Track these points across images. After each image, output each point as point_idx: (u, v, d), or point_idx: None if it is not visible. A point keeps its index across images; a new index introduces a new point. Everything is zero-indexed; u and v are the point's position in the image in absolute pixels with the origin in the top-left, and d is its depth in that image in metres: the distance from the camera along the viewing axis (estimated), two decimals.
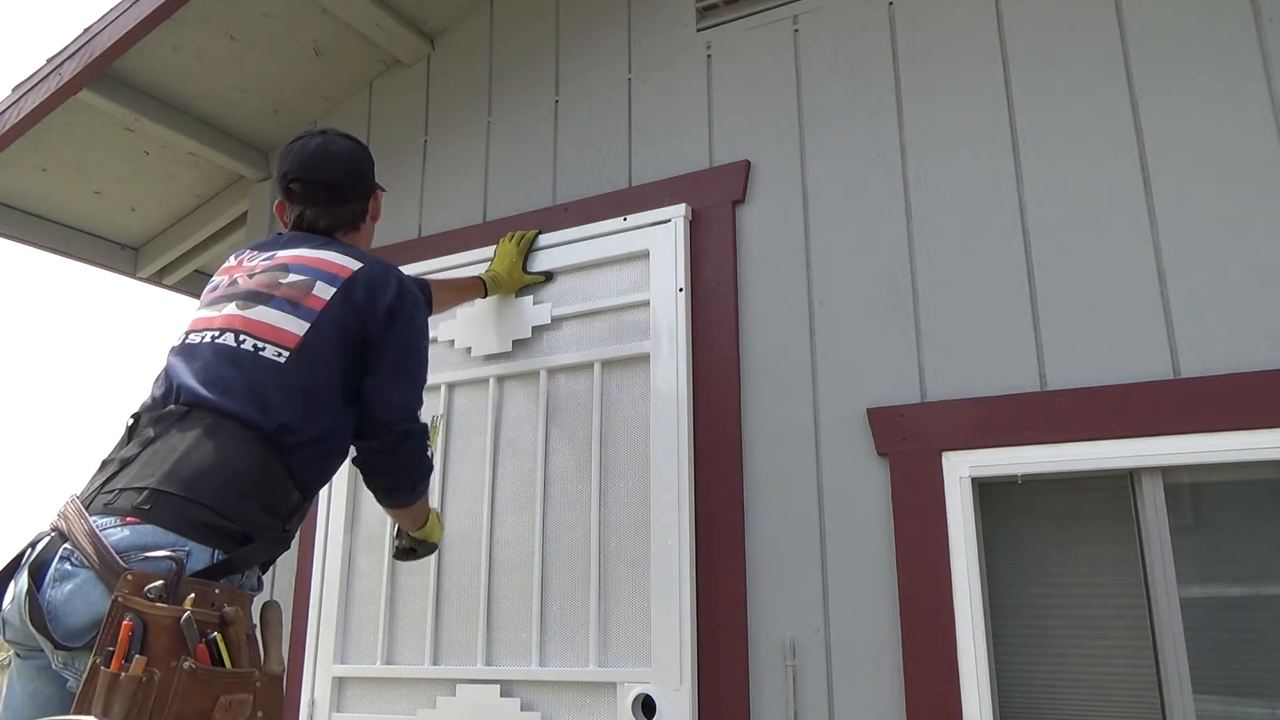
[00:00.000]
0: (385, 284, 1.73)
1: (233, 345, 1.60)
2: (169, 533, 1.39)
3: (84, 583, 1.35)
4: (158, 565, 1.35)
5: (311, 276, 1.70)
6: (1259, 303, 1.81)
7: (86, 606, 1.34)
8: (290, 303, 1.65)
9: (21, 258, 45.92)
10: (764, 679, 2.04)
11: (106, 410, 58.78)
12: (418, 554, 2.05)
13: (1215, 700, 1.75)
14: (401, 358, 1.73)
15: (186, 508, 1.42)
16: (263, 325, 1.62)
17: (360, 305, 1.68)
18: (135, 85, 2.91)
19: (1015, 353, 1.98)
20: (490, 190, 2.78)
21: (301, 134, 1.92)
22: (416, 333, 1.77)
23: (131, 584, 1.32)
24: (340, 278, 1.70)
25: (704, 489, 2.18)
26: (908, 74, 2.25)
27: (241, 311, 1.65)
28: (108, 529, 1.38)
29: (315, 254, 1.75)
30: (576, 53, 2.76)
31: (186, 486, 1.43)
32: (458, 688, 2.27)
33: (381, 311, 1.70)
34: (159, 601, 1.32)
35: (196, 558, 1.39)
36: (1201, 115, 1.93)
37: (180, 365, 1.61)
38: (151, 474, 1.45)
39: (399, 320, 1.72)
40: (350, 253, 1.78)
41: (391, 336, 1.71)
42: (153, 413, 1.57)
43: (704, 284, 2.32)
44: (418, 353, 1.78)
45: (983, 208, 2.09)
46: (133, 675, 1.26)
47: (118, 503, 1.42)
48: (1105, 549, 1.89)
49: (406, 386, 1.75)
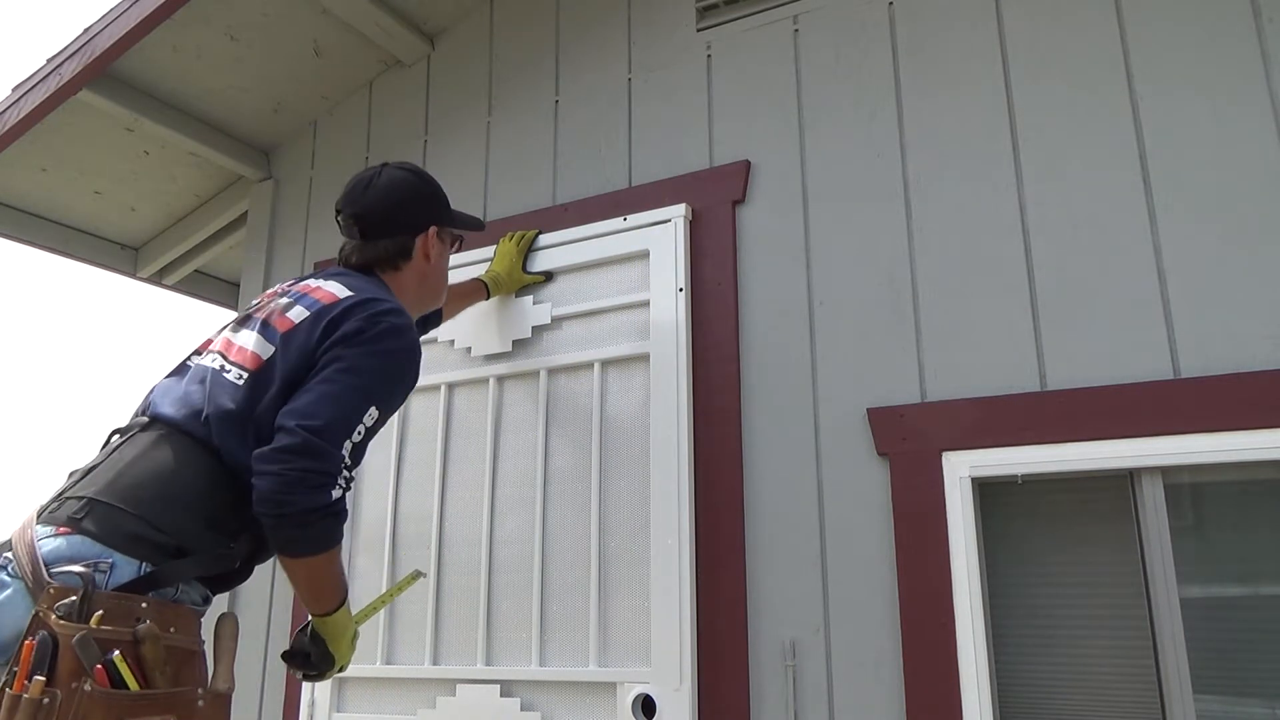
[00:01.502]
0: (360, 312, 1.58)
1: (208, 365, 1.60)
2: (96, 543, 1.36)
3: (13, 595, 1.33)
4: (72, 580, 1.31)
5: (294, 301, 1.64)
6: (1259, 303, 1.80)
7: (11, 620, 1.31)
8: (265, 325, 1.62)
9: (21, 258, 45.82)
10: (764, 679, 2.04)
11: (106, 411, 58.62)
12: (311, 663, 1.64)
13: (1215, 700, 1.75)
14: (336, 375, 1.51)
15: (118, 517, 1.39)
16: (236, 348, 1.61)
17: (325, 330, 1.56)
18: (135, 85, 2.91)
19: (1015, 353, 1.98)
20: (490, 190, 2.78)
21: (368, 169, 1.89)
22: (368, 362, 1.54)
23: (51, 598, 1.29)
24: (320, 304, 1.61)
25: (704, 489, 2.18)
26: (908, 74, 2.25)
27: (231, 335, 1.66)
28: (44, 539, 1.36)
29: (320, 283, 1.68)
30: (576, 53, 2.76)
31: (122, 496, 1.41)
32: (458, 688, 2.27)
33: (340, 334, 1.55)
34: (65, 619, 1.27)
35: (121, 570, 1.36)
36: (1201, 115, 1.93)
37: (165, 382, 1.64)
38: (96, 483, 1.44)
39: (353, 341, 1.54)
40: (355, 285, 1.66)
41: (334, 356, 1.53)
42: (125, 425, 1.58)
43: (704, 284, 2.32)
44: (358, 379, 1.52)
45: (983, 208, 2.09)
46: (31, 697, 1.21)
47: (59, 511, 1.41)
48: (1105, 549, 1.89)
49: (328, 404, 1.48)
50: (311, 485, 1.42)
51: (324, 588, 1.56)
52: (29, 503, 1.51)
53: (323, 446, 1.44)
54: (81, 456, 1.58)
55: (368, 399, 1.52)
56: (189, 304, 4.18)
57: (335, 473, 1.45)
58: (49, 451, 19.55)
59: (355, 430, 1.49)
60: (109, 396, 23.98)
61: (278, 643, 2.67)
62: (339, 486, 1.46)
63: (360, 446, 1.51)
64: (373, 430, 1.54)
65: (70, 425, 21.00)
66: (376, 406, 1.53)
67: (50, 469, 19.26)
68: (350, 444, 1.48)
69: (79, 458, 1.58)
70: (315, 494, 1.43)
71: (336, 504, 1.46)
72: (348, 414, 1.49)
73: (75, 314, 26.92)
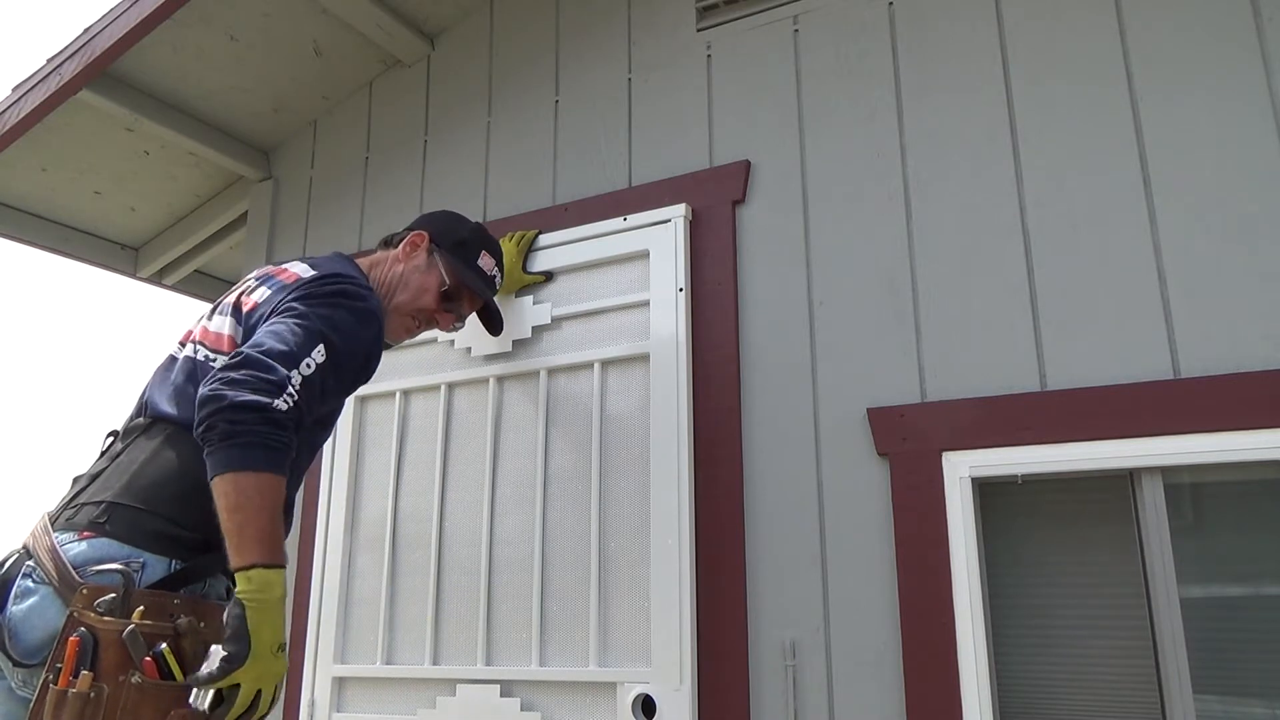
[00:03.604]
0: (318, 280, 1.60)
1: (192, 356, 1.62)
2: (124, 545, 1.39)
3: (42, 599, 1.35)
4: (109, 579, 1.35)
5: (260, 283, 1.68)
6: (1259, 303, 1.81)
7: (44, 623, 1.34)
8: (235, 308, 1.65)
9: (21, 258, 45.93)
10: (764, 679, 2.04)
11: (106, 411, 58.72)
12: (220, 665, 1.30)
13: (1215, 700, 1.75)
14: (284, 318, 1.49)
15: (142, 518, 1.42)
16: (211, 334, 1.63)
17: (283, 300, 1.56)
18: (135, 85, 2.91)
19: (1015, 353, 1.98)
20: (490, 190, 2.78)
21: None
22: (317, 308, 1.52)
23: (85, 598, 1.32)
24: (282, 283, 1.63)
25: (704, 489, 2.18)
26: (908, 74, 2.25)
27: (206, 322, 1.68)
28: (67, 544, 1.39)
29: (287, 265, 1.72)
30: (576, 53, 2.76)
31: (142, 498, 1.44)
32: (458, 688, 2.27)
33: (293, 292, 1.56)
34: (108, 615, 1.31)
35: (153, 568, 1.39)
36: (1201, 115, 1.93)
37: (154, 379, 1.65)
38: (110, 487, 1.46)
39: (305, 298, 1.54)
40: (321, 264, 1.70)
41: (285, 307, 1.52)
42: (124, 427, 1.59)
43: (704, 284, 2.32)
44: (306, 321, 1.49)
45: (983, 208, 2.09)
46: (79, 691, 1.25)
47: (77, 517, 1.43)
48: (1105, 549, 1.89)
49: (272, 336, 1.45)
50: (254, 388, 1.35)
51: (250, 522, 1.33)
52: (29, 502, 1.52)
53: (268, 361, 1.39)
54: (82, 456, 1.58)
55: (314, 337, 1.48)
56: (189, 304, 4.18)
57: (282, 384, 1.38)
58: (49, 451, 19.55)
59: (303, 362, 1.43)
60: (109, 396, 23.98)
61: None
62: (285, 401, 1.38)
63: (310, 382, 1.44)
64: (323, 370, 1.47)
65: (70, 425, 20.99)
66: (325, 346, 1.48)
67: (50, 469, 19.26)
68: (298, 374, 1.42)
69: (79, 458, 1.60)
70: (258, 395, 1.35)
71: (276, 411, 1.36)
72: (292, 345, 1.44)
73: (75, 314, 26.91)
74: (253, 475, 1.34)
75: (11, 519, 11.61)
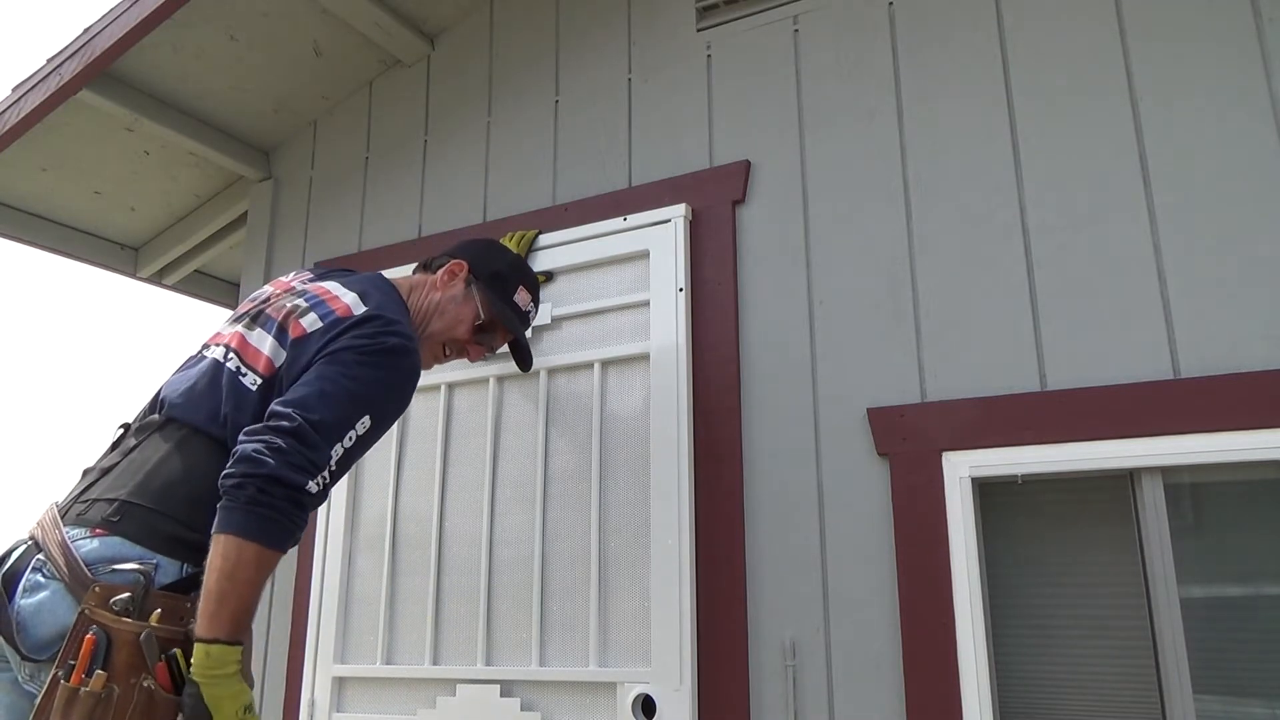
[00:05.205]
0: (369, 327, 1.58)
1: (220, 362, 1.60)
2: (136, 545, 1.38)
3: (53, 594, 1.35)
4: (125, 578, 1.34)
5: (310, 306, 1.64)
6: (1259, 303, 1.81)
7: (54, 618, 1.33)
8: (280, 329, 1.61)
9: (21, 258, 45.94)
10: (764, 679, 2.04)
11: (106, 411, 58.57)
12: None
13: (1215, 700, 1.75)
14: (337, 376, 1.49)
15: (155, 520, 1.41)
16: (251, 349, 1.61)
17: (333, 339, 1.56)
18: (135, 85, 2.91)
19: (1015, 353, 1.98)
20: (490, 190, 2.78)
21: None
22: (369, 373, 1.53)
23: (99, 596, 1.31)
24: (334, 314, 1.60)
25: (704, 489, 2.18)
26: (908, 74, 2.25)
27: (244, 331, 1.65)
28: (78, 540, 1.38)
29: (337, 291, 1.67)
30: (576, 53, 2.76)
31: (156, 499, 1.43)
32: (458, 688, 2.27)
33: (345, 341, 1.55)
34: (124, 615, 1.31)
35: (165, 570, 1.39)
36: (1201, 115, 1.93)
37: (175, 377, 1.64)
38: (124, 485, 1.45)
39: (358, 350, 1.54)
40: (371, 298, 1.66)
41: (338, 359, 1.52)
42: (138, 422, 1.58)
43: (704, 284, 2.32)
44: (357, 386, 1.50)
45: (983, 208, 2.09)
46: (92, 690, 1.25)
47: (89, 513, 1.42)
48: (1105, 549, 1.89)
49: (326, 402, 1.45)
50: (294, 463, 1.37)
51: (234, 594, 1.34)
52: (29, 502, 1.52)
53: (316, 438, 1.41)
54: (81, 456, 1.58)
55: (364, 407, 1.49)
56: (189, 304, 4.18)
57: (321, 466, 1.41)
58: (49, 451, 19.55)
59: (347, 435, 1.46)
60: (109, 396, 23.98)
61: (276, 642, 2.67)
62: (317, 484, 1.41)
63: (348, 454, 1.48)
64: (362, 441, 1.50)
65: (71, 425, 21.00)
66: (370, 417, 1.51)
67: (50, 468, 19.26)
68: (341, 448, 1.45)
69: (79, 457, 1.59)
70: (294, 472, 1.37)
71: (306, 494, 1.39)
72: (342, 416, 1.46)
73: (75, 314, 26.91)
74: (259, 549, 1.35)
75: (12, 518, 11.60)
